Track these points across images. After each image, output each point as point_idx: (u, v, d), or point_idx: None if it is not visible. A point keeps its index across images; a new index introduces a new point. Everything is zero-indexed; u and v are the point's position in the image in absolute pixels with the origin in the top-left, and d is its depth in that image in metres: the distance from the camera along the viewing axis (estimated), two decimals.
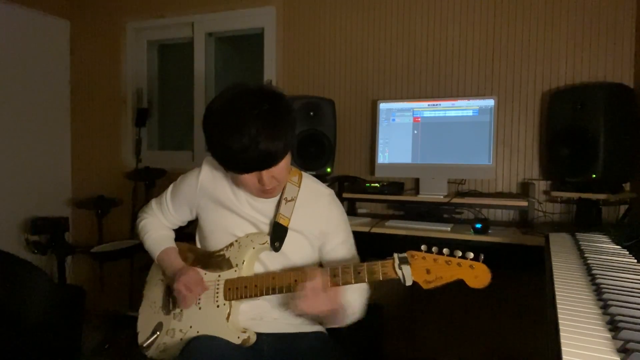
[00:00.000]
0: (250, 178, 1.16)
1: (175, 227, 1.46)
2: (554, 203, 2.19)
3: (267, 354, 1.25)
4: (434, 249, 1.08)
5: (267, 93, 1.15)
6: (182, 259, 1.36)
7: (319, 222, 1.29)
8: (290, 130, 1.14)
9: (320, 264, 1.33)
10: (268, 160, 1.12)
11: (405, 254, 1.09)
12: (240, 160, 1.10)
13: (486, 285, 1.04)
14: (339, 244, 1.31)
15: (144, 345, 1.32)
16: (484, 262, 1.05)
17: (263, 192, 1.20)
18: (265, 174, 1.14)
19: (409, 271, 1.07)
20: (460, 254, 1.06)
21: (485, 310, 2.30)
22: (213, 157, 1.18)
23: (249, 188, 1.20)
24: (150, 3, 3.10)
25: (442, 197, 2.17)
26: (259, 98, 1.12)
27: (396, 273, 1.09)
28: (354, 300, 1.25)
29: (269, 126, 1.08)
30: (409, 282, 1.07)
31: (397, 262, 1.09)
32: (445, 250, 1.07)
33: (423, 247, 1.09)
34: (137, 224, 1.45)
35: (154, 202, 1.46)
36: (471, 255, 1.05)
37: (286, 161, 1.18)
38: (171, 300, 1.34)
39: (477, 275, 1.04)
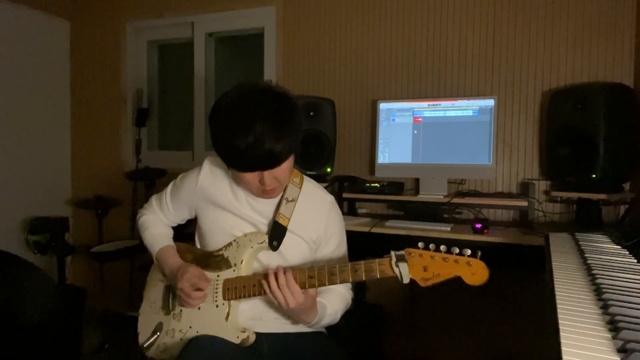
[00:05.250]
0: (251, 177, 1.16)
1: (175, 224, 1.46)
2: (554, 203, 2.19)
3: (267, 353, 1.25)
4: (431, 246, 1.07)
5: (275, 94, 1.15)
6: (181, 259, 1.36)
7: (318, 228, 1.30)
8: (295, 132, 1.14)
9: None
10: (272, 161, 1.12)
11: (402, 252, 1.09)
12: (244, 158, 1.10)
13: (484, 282, 1.03)
14: (333, 250, 1.33)
15: (145, 345, 1.32)
16: (482, 259, 1.04)
17: (263, 192, 1.20)
18: (267, 174, 1.14)
19: (406, 269, 1.07)
20: (457, 250, 1.05)
21: (485, 310, 2.30)
22: (217, 153, 1.18)
23: (249, 187, 1.20)
24: (150, 3, 3.10)
25: (442, 197, 2.16)
26: (267, 98, 1.13)
27: (393, 271, 1.08)
28: (329, 302, 1.26)
29: (275, 127, 1.08)
30: (406, 280, 1.07)
31: (394, 259, 1.08)
32: (442, 247, 1.07)
33: (420, 244, 1.08)
34: (137, 219, 1.46)
35: (154, 200, 1.46)
36: (468, 252, 1.05)
37: (289, 163, 1.18)
38: (171, 301, 1.34)
39: (475, 272, 1.03)
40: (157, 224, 1.43)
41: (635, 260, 1.01)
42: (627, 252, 1.10)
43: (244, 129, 1.08)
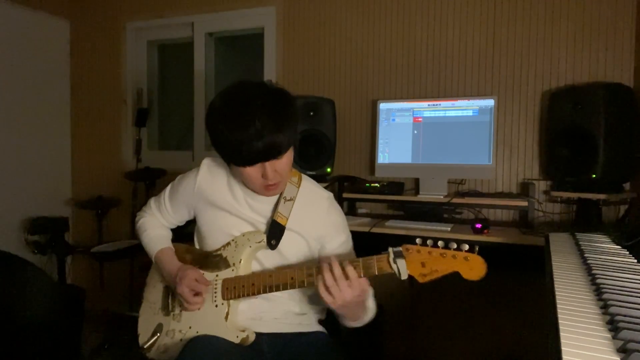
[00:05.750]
0: (254, 173, 1.16)
1: (174, 226, 1.46)
2: (554, 203, 2.19)
3: (267, 353, 1.25)
4: (429, 241, 1.07)
5: (269, 87, 1.17)
6: (180, 260, 1.36)
7: (318, 226, 1.29)
8: (293, 123, 1.15)
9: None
10: (273, 151, 1.12)
11: (400, 248, 1.08)
12: (245, 151, 1.10)
13: (482, 277, 1.02)
14: (339, 245, 1.32)
15: (145, 346, 1.32)
16: (479, 254, 1.04)
17: (266, 187, 1.19)
18: (269, 167, 1.14)
19: (404, 265, 1.06)
20: (455, 246, 1.05)
21: (485, 310, 2.30)
22: (217, 151, 1.18)
23: (252, 184, 1.20)
24: (150, 3, 3.10)
25: (442, 197, 2.16)
26: (262, 91, 1.14)
27: (391, 267, 1.08)
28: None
29: (273, 117, 1.09)
30: (404, 276, 1.06)
31: (392, 256, 1.08)
32: (440, 243, 1.06)
33: (418, 240, 1.08)
34: (136, 222, 1.46)
35: (152, 201, 1.46)
36: (466, 247, 1.04)
37: (289, 156, 1.18)
38: (170, 301, 1.34)
39: (472, 267, 1.03)
40: (155, 226, 1.42)
41: (635, 260, 1.01)
42: (627, 252, 1.10)
43: (242, 122, 1.08)
